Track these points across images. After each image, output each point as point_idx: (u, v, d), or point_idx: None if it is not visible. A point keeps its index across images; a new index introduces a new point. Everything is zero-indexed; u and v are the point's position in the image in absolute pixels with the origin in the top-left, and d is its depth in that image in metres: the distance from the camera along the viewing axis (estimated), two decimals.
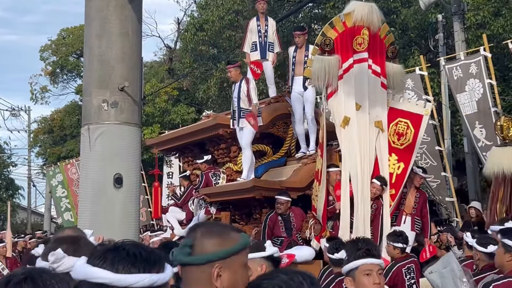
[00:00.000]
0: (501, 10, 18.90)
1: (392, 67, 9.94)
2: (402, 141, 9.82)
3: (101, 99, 5.74)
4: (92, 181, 5.74)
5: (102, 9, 5.92)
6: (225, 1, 23.69)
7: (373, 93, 9.67)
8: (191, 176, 13.16)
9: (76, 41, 32.91)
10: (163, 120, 26.82)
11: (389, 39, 10.05)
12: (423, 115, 9.93)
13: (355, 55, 9.62)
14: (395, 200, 9.73)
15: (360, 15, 9.52)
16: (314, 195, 9.76)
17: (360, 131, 9.51)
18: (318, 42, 9.70)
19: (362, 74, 9.62)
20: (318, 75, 9.44)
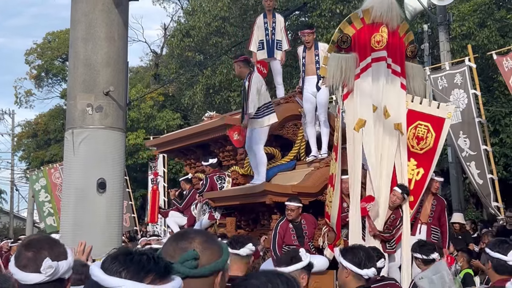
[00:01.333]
0: (486, 21, 19.04)
1: (412, 67, 9.44)
2: (422, 145, 9.28)
3: (85, 103, 5.67)
4: (75, 186, 5.67)
5: (88, 13, 5.86)
6: (212, 8, 23.65)
7: (392, 94, 9.14)
8: (193, 179, 12.60)
9: (61, 45, 32.72)
10: (148, 125, 26.70)
11: (409, 37, 9.47)
12: (445, 118, 9.36)
13: (374, 53, 9.08)
14: (414, 208, 9.19)
15: (380, 12, 8.95)
16: (328, 201, 9.24)
17: (377, 134, 8.98)
18: (334, 39, 9.09)
19: (380, 74, 9.07)
20: (334, 74, 8.87)
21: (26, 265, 3.05)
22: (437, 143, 9.34)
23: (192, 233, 2.45)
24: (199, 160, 12.00)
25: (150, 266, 1.87)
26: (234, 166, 11.29)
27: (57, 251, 3.14)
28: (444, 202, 10.13)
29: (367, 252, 4.76)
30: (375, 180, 8.95)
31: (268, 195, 9.58)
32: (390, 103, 9.07)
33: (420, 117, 9.32)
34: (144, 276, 1.85)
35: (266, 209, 10.08)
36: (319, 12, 21.69)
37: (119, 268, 1.86)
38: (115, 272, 1.85)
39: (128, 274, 1.85)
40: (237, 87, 23.13)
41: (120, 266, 1.86)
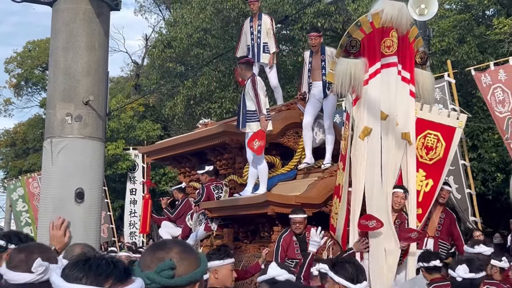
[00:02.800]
0: (465, 37, 19.20)
1: (421, 74, 9.00)
2: (431, 155, 8.89)
3: (65, 112, 5.63)
4: (53, 196, 5.62)
5: (69, 22, 5.83)
6: (194, 19, 23.62)
7: (401, 101, 8.67)
8: (187, 188, 12.21)
9: (42, 54, 32.49)
10: (128, 136, 26.53)
11: (418, 43, 9.07)
12: (456, 128, 9.01)
13: (383, 59, 8.60)
14: (422, 221, 8.74)
15: (390, 16, 8.52)
16: (334, 213, 8.85)
17: (384, 143, 8.50)
18: (343, 43, 8.60)
19: (390, 80, 8.62)
20: (343, 79, 8.40)
21: (17, 266, 3.12)
22: (447, 153, 8.97)
23: (170, 243, 2.43)
24: (194, 169, 11.61)
25: (110, 270, 1.88)
26: (231, 175, 10.94)
27: (48, 255, 3.26)
28: (453, 215, 9.82)
29: (359, 266, 4.59)
30: (376, 191, 8.41)
31: (270, 205, 9.13)
32: (399, 111, 8.66)
33: (430, 126, 8.97)
34: (104, 280, 1.86)
35: (266, 220, 9.66)
36: (300, 25, 21.76)
37: (79, 274, 1.86)
38: (75, 278, 1.86)
39: (88, 280, 1.85)
40: (218, 98, 23.10)
41: (80, 272, 1.87)
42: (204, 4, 23.53)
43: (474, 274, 4.86)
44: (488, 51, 18.93)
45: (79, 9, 5.91)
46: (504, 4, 20.12)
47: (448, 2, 20.65)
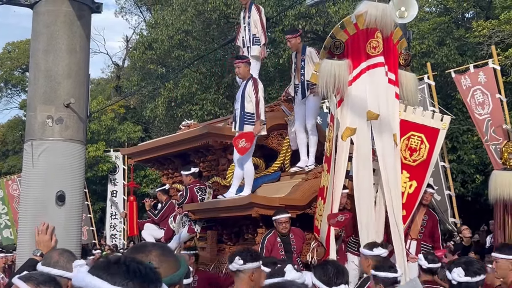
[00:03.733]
0: (445, 39, 19.36)
1: (405, 76, 8.94)
2: (415, 157, 8.84)
3: (45, 115, 5.59)
4: (33, 198, 5.59)
5: (50, 24, 5.80)
6: (175, 21, 23.59)
7: (387, 103, 8.60)
8: (170, 190, 12.11)
9: (22, 55, 32.33)
10: (109, 137, 26.46)
11: (402, 44, 9.03)
12: (439, 129, 9.00)
13: (370, 59, 8.53)
14: (406, 223, 8.67)
15: (374, 17, 8.46)
16: (318, 215, 8.74)
17: (378, 143, 8.46)
18: (327, 44, 8.51)
19: (379, 80, 8.57)
20: (327, 80, 8.30)
21: None
22: (431, 155, 8.95)
23: (149, 246, 2.44)
24: (178, 171, 11.54)
25: (152, 276, 1.85)
26: (215, 177, 10.83)
27: None
28: (436, 217, 9.83)
29: (337, 268, 4.45)
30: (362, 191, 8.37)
31: (254, 207, 9.05)
32: (386, 112, 8.56)
33: (414, 128, 8.92)
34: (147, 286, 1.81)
35: (250, 222, 9.55)
36: (281, 27, 21.82)
37: (123, 280, 1.80)
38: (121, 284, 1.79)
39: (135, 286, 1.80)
40: (199, 100, 23.09)
41: (125, 278, 1.81)
42: (185, 6, 23.52)
43: (470, 278, 4.69)
44: (468, 54, 19.09)
45: (60, 11, 5.88)
46: (483, 7, 20.30)
47: (428, 5, 20.81)
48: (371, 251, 6.84)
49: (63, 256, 4.02)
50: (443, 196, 13.11)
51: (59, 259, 3.99)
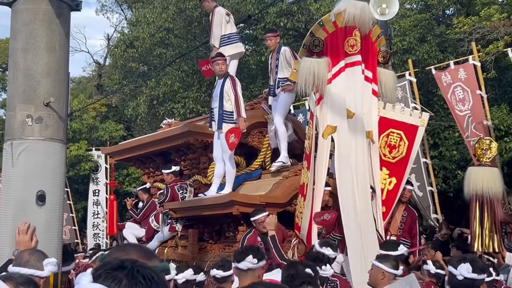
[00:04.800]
0: (426, 36, 19.40)
1: (384, 73, 9.04)
2: (394, 154, 8.95)
3: (25, 114, 5.56)
4: (14, 198, 5.56)
5: (29, 23, 5.77)
6: (156, 19, 23.48)
7: (365, 100, 8.69)
8: (151, 189, 12.12)
9: (1, 54, 31.98)
10: (91, 136, 26.30)
11: (380, 42, 9.13)
12: (418, 126, 9.11)
13: (347, 58, 8.60)
14: (386, 219, 8.85)
15: (353, 15, 8.55)
16: (298, 212, 8.79)
17: (353, 141, 8.51)
18: (306, 42, 8.58)
19: (356, 79, 8.64)
20: (306, 78, 8.35)
21: None
22: (410, 152, 9.05)
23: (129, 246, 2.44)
24: (159, 169, 11.54)
25: (162, 280, 1.80)
26: (196, 175, 10.83)
27: None
28: (415, 214, 9.91)
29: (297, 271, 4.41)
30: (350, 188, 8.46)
31: (235, 205, 9.08)
32: (363, 110, 8.68)
33: (393, 125, 9.03)
34: None
35: (231, 220, 9.57)
36: (263, 25, 21.79)
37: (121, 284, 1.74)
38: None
39: None
40: (181, 98, 23.02)
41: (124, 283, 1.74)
42: (166, 4, 23.42)
43: (476, 275, 4.70)
44: (448, 50, 19.15)
45: (39, 9, 5.84)
46: (464, 4, 20.39)
47: (409, 2, 20.86)
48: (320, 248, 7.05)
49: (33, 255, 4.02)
50: (425, 192, 13.16)
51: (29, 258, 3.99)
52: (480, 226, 9.47)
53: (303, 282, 3.53)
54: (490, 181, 9.52)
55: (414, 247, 9.57)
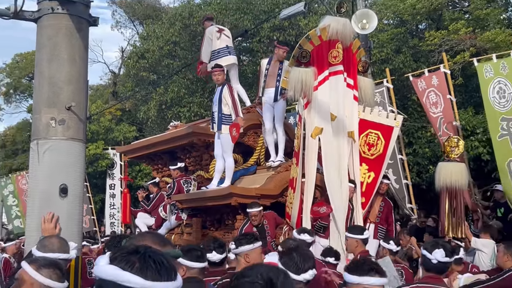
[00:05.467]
0: (401, 48, 19.42)
1: (363, 81, 9.15)
2: (372, 151, 9.07)
3: (49, 117, 5.55)
4: (40, 191, 5.56)
5: (52, 37, 5.76)
6: (164, 33, 23.47)
7: (347, 104, 8.81)
8: (160, 183, 12.12)
9: (28, 65, 31.94)
10: (107, 137, 26.26)
11: (360, 53, 9.21)
12: (393, 127, 9.22)
13: (331, 67, 8.72)
14: (365, 208, 8.95)
15: (336, 30, 8.69)
16: (289, 202, 8.90)
17: (336, 141, 8.62)
18: (295, 54, 8.71)
19: (338, 86, 8.74)
20: (295, 85, 8.48)
21: None
22: (386, 149, 9.16)
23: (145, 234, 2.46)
24: (166, 166, 11.54)
25: (173, 266, 1.79)
26: (199, 171, 10.87)
27: None
28: (391, 204, 9.96)
29: (305, 255, 3.98)
30: (333, 182, 8.58)
31: (233, 197, 9.16)
32: (345, 113, 8.79)
33: (371, 126, 9.11)
34: (157, 275, 1.72)
35: (230, 210, 9.62)
36: (258, 38, 21.80)
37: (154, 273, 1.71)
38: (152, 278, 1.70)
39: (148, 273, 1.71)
40: (186, 103, 23.01)
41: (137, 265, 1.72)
42: (173, 20, 23.44)
43: (448, 258, 4.65)
44: (421, 60, 19.18)
45: (61, 25, 5.83)
46: (434, 19, 20.42)
47: (386, 18, 20.87)
48: (298, 235, 7.09)
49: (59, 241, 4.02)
50: (401, 185, 13.17)
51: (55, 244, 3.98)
52: (450, 215, 9.50)
53: (371, 269, 3.34)
54: (458, 174, 9.57)
55: (390, 233, 9.61)
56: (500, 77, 11.38)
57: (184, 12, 23.17)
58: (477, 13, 18.12)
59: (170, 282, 1.73)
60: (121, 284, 1.68)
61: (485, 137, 15.67)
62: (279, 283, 1.60)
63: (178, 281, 1.77)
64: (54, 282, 3.10)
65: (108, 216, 22.04)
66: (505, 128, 11.18)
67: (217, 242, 5.35)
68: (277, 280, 1.61)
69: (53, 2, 5.80)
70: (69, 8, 5.80)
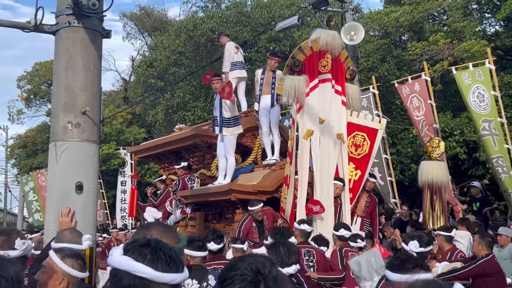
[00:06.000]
0: (386, 57, 19.44)
1: (350, 88, 9.17)
2: (359, 151, 9.09)
3: (66, 120, 5.57)
4: (57, 188, 5.57)
5: (69, 47, 5.78)
6: (171, 44, 23.46)
7: (335, 109, 8.85)
8: (166, 180, 12.12)
9: (47, 73, 31.85)
10: (119, 138, 26.25)
11: (348, 62, 9.24)
12: (378, 129, 9.24)
13: (320, 75, 8.78)
14: (352, 203, 8.98)
15: (325, 41, 8.74)
16: (283, 198, 8.95)
17: (324, 142, 8.66)
18: (288, 63, 8.80)
19: (326, 92, 8.79)
20: (289, 92, 8.57)
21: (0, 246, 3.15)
22: (371, 150, 9.19)
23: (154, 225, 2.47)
24: (172, 164, 11.55)
25: (180, 259, 1.79)
26: (202, 169, 10.88)
27: (23, 237, 3.43)
28: (375, 200, 9.99)
29: (290, 249, 4.03)
30: (321, 180, 8.62)
31: (233, 193, 9.20)
32: (333, 117, 8.83)
33: (358, 128, 9.15)
34: (167, 266, 1.73)
35: (230, 204, 9.66)
36: (256, 48, 21.80)
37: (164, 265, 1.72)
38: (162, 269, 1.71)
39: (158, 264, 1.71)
40: (191, 107, 23.00)
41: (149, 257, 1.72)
42: (179, 32, 23.43)
43: (423, 249, 4.69)
44: (404, 68, 19.19)
45: (77, 37, 5.85)
46: (416, 31, 20.43)
47: (372, 30, 20.88)
48: (298, 225, 7.23)
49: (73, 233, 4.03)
50: (386, 182, 13.19)
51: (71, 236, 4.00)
52: (431, 209, 9.52)
53: (416, 266, 2.93)
54: (438, 172, 9.60)
55: (374, 226, 9.66)
56: (477, 83, 11.42)
57: (189, 24, 23.16)
58: (454, 26, 18.13)
59: (178, 273, 1.74)
60: (133, 274, 1.69)
61: (462, 138, 15.71)
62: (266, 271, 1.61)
63: (185, 273, 1.77)
64: (76, 272, 3.11)
65: (119, 210, 22.01)
66: (486, 129, 11.24)
67: (215, 233, 5.37)
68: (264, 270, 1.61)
69: (70, 17, 5.81)
70: (84, 22, 5.82)
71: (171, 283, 1.72)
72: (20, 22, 5.98)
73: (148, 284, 1.69)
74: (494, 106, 11.26)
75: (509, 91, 16.41)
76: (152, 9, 31.98)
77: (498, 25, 20.40)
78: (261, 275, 1.60)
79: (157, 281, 1.69)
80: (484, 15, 20.23)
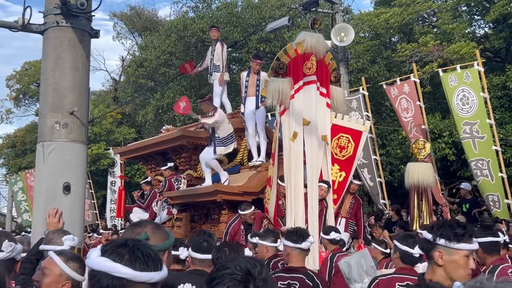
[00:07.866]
0: (376, 58, 19.52)
1: (335, 90, 9.18)
2: (343, 153, 9.15)
3: (54, 120, 5.53)
4: (45, 188, 5.53)
5: (57, 47, 5.73)
6: (161, 44, 23.43)
7: (320, 111, 8.84)
8: (153, 181, 12.13)
9: (37, 72, 31.70)
10: (109, 138, 26.20)
11: (333, 65, 9.22)
12: (362, 131, 9.29)
13: (305, 78, 8.74)
14: (337, 204, 9.03)
15: (310, 44, 8.72)
16: (267, 199, 8.99)
17: (308, 144, 8.62)
18: (273, 66, 8.76)
19: (311, 94, 8.77)
20: (273, 94, 8.55)
21: None
22: (356, 151, 9.24)
23: (145, 222, 2.51)
24: (159, 166, 11.60)
25: (158, 258, 1.79)
26: (188, 170, 10.93)
27: (12, 239, 3.39)
28: (360, 201, 10.03)
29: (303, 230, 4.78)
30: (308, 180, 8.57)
31: (218, 194, 9.27)
32: (318, 119, 8.83)
33: (342, 130, 9.19)
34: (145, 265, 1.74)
35: (216, 205, 9.73)
36: (247, 49, 21.82)
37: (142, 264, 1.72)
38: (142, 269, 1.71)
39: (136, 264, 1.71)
40: None
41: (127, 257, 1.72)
42: (169, 32, 23.42)
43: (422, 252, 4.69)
44: (394, 70, 19.28)
45: (65, 37, 5.81)
46: (406, 33, 20.53)
47: (362, 31, 20.96)
48: (326, 236, 7.09)
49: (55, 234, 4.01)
50: (375, 183, 13.20)
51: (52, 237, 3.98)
52: (418, 209, 9.56)
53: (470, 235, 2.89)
54: (424, 174, 9.63)
55: (359, 227, 9.71)
56: (463, 85, 11.47)
57: (179, 25, 23.15)
58: (444, 28, 18.23)
59: (157, 272, 1.75)
60: (112, 275, 1.69)
61: (451, 139, 15.79)
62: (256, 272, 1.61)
63: (163, 271, 1.78)
64: (79, 276, 3.10)
65: (109, 211, 21.98)
66: (467, 132, 11.28)
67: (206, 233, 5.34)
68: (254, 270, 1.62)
69: (58, 16, 5.77)
70: (72, 21, 5.78)
71: (150, 282, 1.72)
72: (8, 22, 5.93)
73: (127, 284, 1.70)
74: (483, 108, 11.31)
75: (498, 93, 16.53)
76: (143, 9, 31.94)
77: (488, 27, 20.54)
78: (250, 275, 1.62)
79: (135, 281, 1.70)
80: (473, 17, 20.35)
